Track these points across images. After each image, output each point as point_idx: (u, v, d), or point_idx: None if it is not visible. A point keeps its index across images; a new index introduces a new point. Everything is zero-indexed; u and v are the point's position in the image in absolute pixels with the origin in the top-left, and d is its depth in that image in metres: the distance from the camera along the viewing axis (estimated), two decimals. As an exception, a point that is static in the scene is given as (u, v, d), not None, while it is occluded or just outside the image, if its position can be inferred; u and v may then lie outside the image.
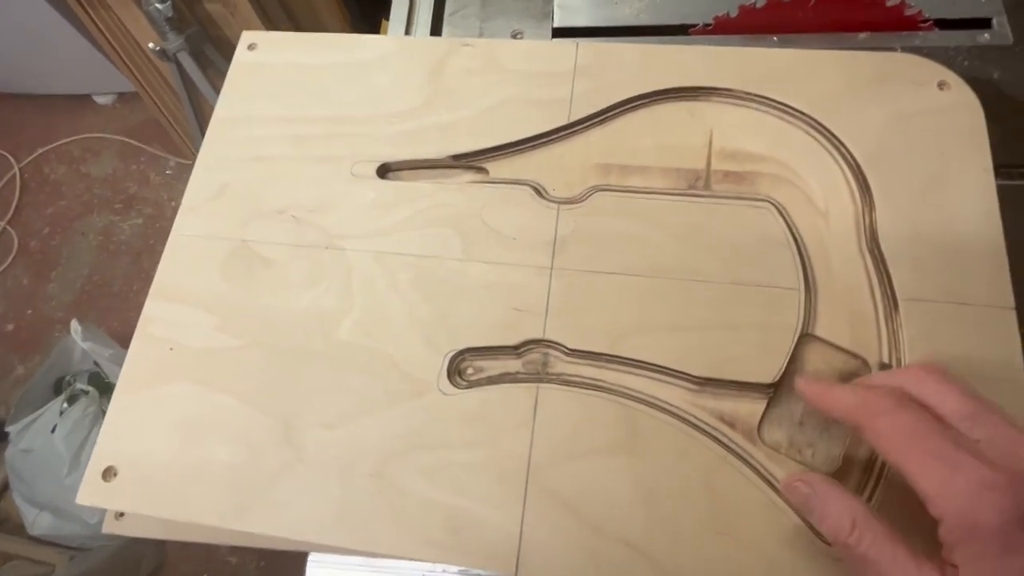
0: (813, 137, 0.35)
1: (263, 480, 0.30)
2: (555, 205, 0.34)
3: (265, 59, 0.40)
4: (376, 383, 0.31)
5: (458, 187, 0.36)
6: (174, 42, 1.00)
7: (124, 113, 1.52)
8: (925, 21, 0.41)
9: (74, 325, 1.09)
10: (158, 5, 0.96)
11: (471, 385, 0.31)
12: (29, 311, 1.35)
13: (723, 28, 0.42)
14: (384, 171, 0.37)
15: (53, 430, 1.05)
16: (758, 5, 0.41)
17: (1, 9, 1.35)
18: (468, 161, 0.36)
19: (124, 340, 1.24)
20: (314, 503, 0.29)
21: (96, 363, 1.15)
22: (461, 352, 0.32)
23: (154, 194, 1.43)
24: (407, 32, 0.47)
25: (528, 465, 0.29)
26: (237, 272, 0.35)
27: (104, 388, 1.15)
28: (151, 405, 0.32)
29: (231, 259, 0.35)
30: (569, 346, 0.31)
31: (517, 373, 0.32)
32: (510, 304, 0.32)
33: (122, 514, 0.34)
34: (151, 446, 0.31)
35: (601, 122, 0.36)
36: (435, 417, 0.30)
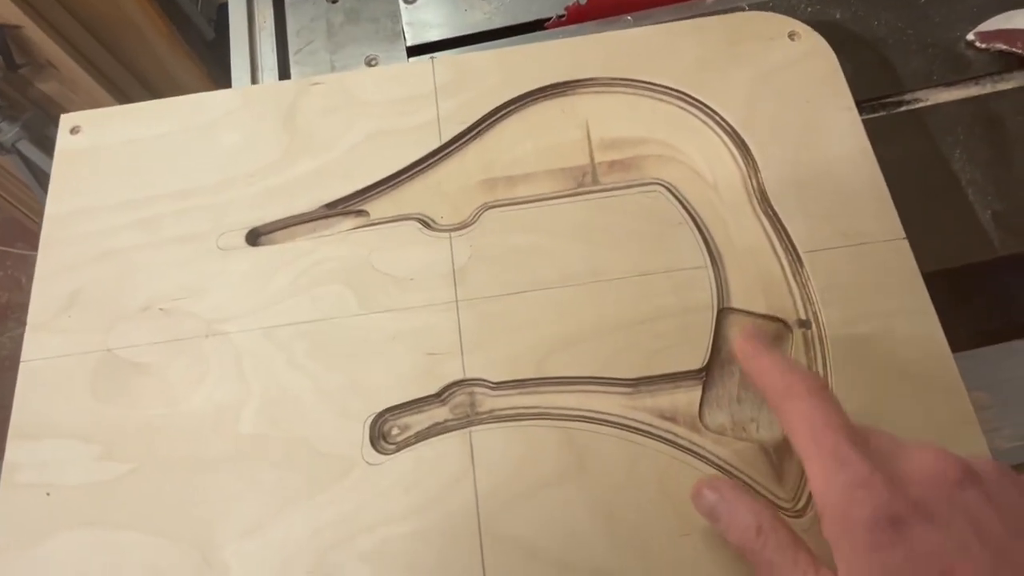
0: (686, 110, 0.34)
1: (188, 617, 0.26)
2: (446, 234, 0.32)
3: (93, 141, 0.36)
4: (293, 473, 0.28)
5: (339, 237, 0.33)
6: (9, 132, 0.91)
7: (-26, 217, 1.37)
8: (764, -25, 0.42)
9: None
10: (-20, 96, 0.86)
11: (399, 447, 0.29)
12: (-90, 460, 1.19)
13: (577, 16, 0.42)
14: (255, 237, 0.33)
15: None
16: (604, -13, 0.40)
17: None
18: (344, 207, 0.34)
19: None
20: (252, 626, 0.26)
21: None
22: (381, 414, 0.29)
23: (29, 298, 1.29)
24: (253, 78, 0.43)
25: (478, 517, 0.27)
26: (110, 387, 0.30)
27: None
28: (38, 565, 0.28)
29: (100, 374, 0.31)
30: (493, 380, 0.29)
31: (446, 421, 0.29)
32: (422, 350, 0.30)
33: None
34: (49, 614, 0.27)
35: (474, 137, 0.35)
36: (368, 492, 0.28)
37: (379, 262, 0.32)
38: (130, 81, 1.10)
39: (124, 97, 1.06)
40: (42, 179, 0.99)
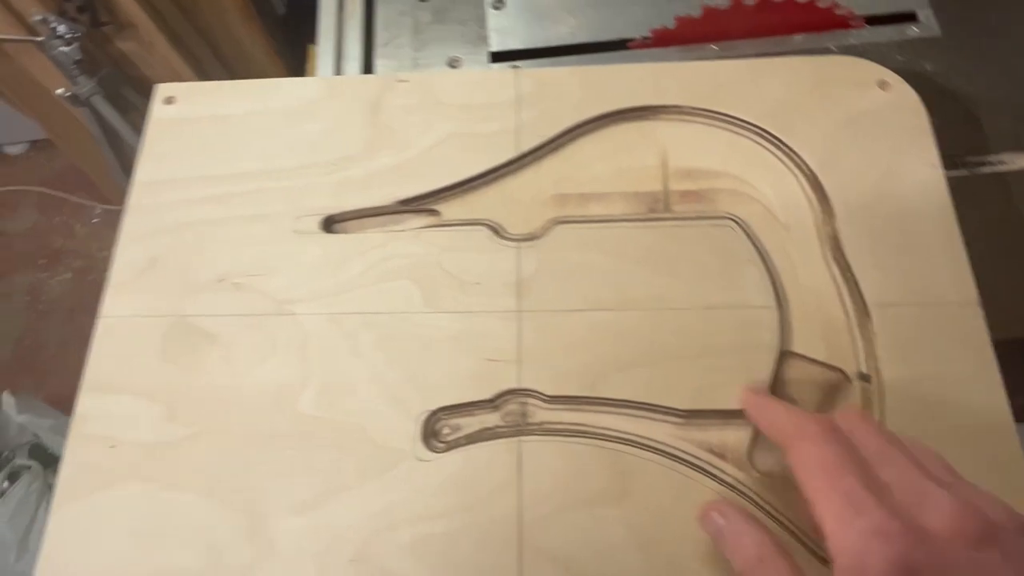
0: (765, 148, 0.34)
1: (232, 582, 0.27)
2: (515, 243, 0.33)
3: (185, 113, 0.37)
4: (346, 458, 0.29)
5: (411, 234, 0.34)
6: (85, 86, 0.94)
7: (40, 162, 1.43)
8: (856, 19, 0.41)
9: (5, 398, 1.01)
10: (64, 48, 0.90)
11: (449, 447, 0.30)
12: (-45, 386, 1.25)
13: (662, 40, 0.42)
14: (329, 224, 0.34)
15: (-5, 514, 0.97)
16: (694, 15, 0.40)
17: None
18: (418, 205, 0.34)
19: (67, 405, 1.16)
20: (292, 601, 0.27)
21: (36, 435, 1.07)
22: (435, 412, 0.30)
23: (82, 246, 1.34)
24: (337, 66, 0.45)
25: (519, 526, 0.28)
26: (179, 352, 0.32)
27: (48, 461, 1.07)
28: (96, 514, 0.29)
29: (171, 338, 0.32)
30: (547, 393, 0.30)
31: (496, 427, 0.30)
32: (481, 355, 0.31)
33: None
34: (103, 559, 0.28)
35: (551, 151, 0.35)
36: (415, 487, 0.29)
37: (447, 263, 0.33)
38: (203, 48, 1.13)
39: (195, 62, 1.09)
40: (110, 135, 1.03)
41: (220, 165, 0.35)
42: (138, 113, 1.05)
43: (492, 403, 0.30)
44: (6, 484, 1.02)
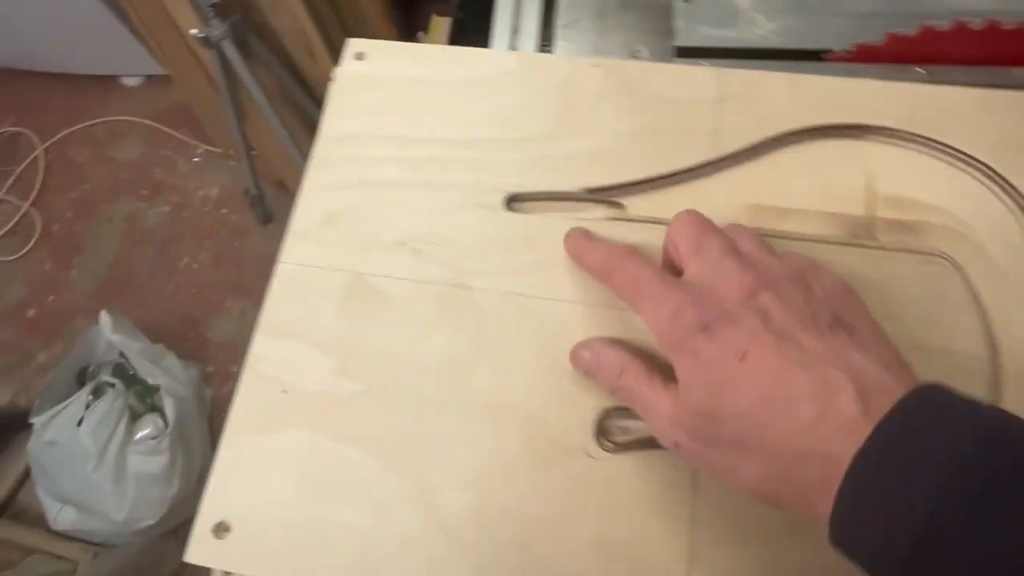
0: (987, 187, 0.32)
1: (394, 547, 0.27)
2: (705, 250, 0.32)
3: (374, 70, 0.37)
4: (517, 443, 0.29)
5: (595, 225, 0.33)
6: (218, 29, 0.97)
7: (152, 96, 1.49)
8: (1086, 58, 0.38)
9: (103, 317, 1.06)
10: (203, -10, 0.92)
11: (619, 448, 0.29)
12: (51, 297, 1.32)
13: (865, 56, 0.39)
14: (511, 202, 0.34)
15: (79, 424, 1.03)
16: (909, 33, 0.38)
17: (29, -15, 1.31)
18: (604, 195, 0.33)
19: (149, 332, 1.22)
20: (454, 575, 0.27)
21: (122, 354, 1.12)
22: (608, 410, 0.29)
23: (181, 182, 1.40)
24: (512, 42, 0.44)
25: (689, 545, 0.27)
26: (355, 308, 0.32)
27: (130, 381, 1.12)
28: (264, 453, 0.30)
29: (348, 293, 0.32)
30: (728, 410, 0.29)
31: (669, 437, 0.29)
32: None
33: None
34: (266, 499, 0.29)
35: (749, 158, 0.33)
36: (585, 484, 0.28)
37: (633, 260, 0.32)
38: (325, 4, 1.15)
39: (317, 17, 1.11)
40: (231, 80, 1.06)
41: (409, 128, 0.35)
42: (259, 62, 1.08)
43: (667, 411, 0.29)
44: (91, 398, 1.07)
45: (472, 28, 1.19)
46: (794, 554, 0.26)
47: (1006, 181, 0.31)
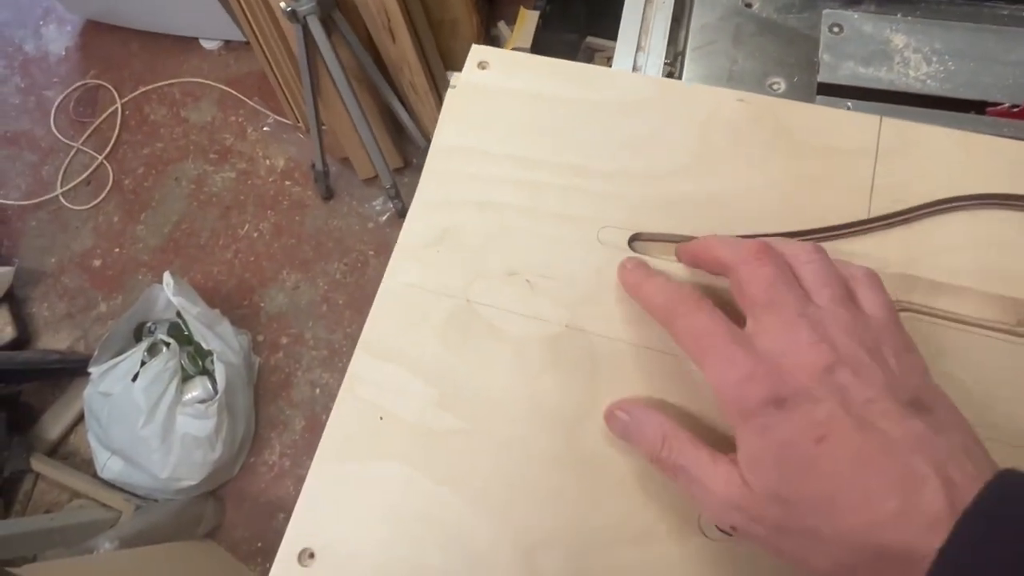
0: None
1: (486, 603, 0.26)
2: (849, 320, 0.29)
3: (497, 82, 0.35)
4: (627, 509, 0.27)
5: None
6: (306, 4, 0.96)
7: (229, 62, 1.50)
8: None
9: (167, 278, 1.08)
10: (297, -36, 0.92)
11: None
12: (117, 249, 1.36)
13: (1035, 113, 0.35)
14: (633, 240, 0.31)
15: (134, 379, 1.05)
16: (1096, 94, 0.34)
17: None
18: (738, 245, 0.31)
19: (205, 294, 1.24)
20: (548, 646, 0.25)
21: (179, 315, 1.15)
22: (727, 486, 0.27)
23: (249, 149, 1.41)
24: (635, 60, 0.41)
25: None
26: (461, 338, 0.30)
27: (184, 341, 1.14)
28: (356, 481, 0.28)
29: (454, 321, 0.30)
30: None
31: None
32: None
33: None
34: (354, 531, 0.28)
35: (907, 221, 0.30)
36: (696, 565, 0.26)
37: (767, 322, 0.29)
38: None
39: (404, 7, 1.09)
40: (312, 55, 1.05)
41: (530, 148, 0.33)
42: (341, 38, 1.07)
43: (793, 495, 0.27)
44: (146, 355, 1.10)
45: (559, 24, 1.15)
46: None
47: None
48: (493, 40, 1.35)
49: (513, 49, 1.00)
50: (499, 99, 0.35)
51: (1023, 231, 0.30)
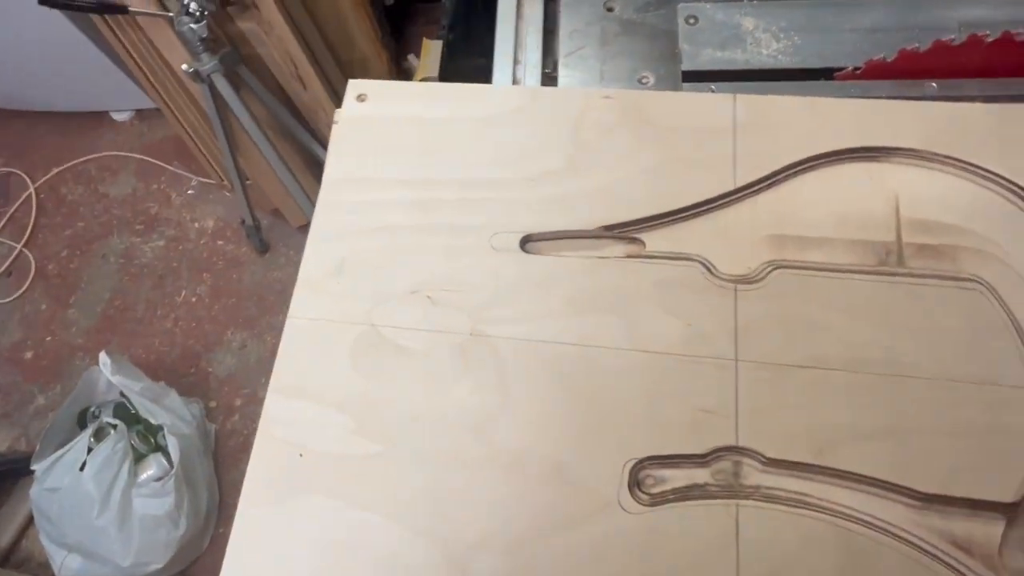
0: (1018, 207, 0.31)
1: (426, 618, 0.26)
2: (731, 285, 0.31)
3: (377, 112, 0.36)
4: (546, 497, 0.27)
5: (616, 264, 0.32)
6: (208, 63, 0.96)
7: (143, 130, 1.48)
8: (1102, 65, 0.37)
9: (103, 358, 1.04)
10: (192, 26, 0.91)
11: (655, 500, 0.27)
12: (48, 338, 1.30)
13: (875, 72, 0.38)
14: (526, 242, 0.33)
15: (82, 468, 1.00)
16: (921, 48, 0.37)
17: (15, 24, 1.30)
18: (622, 232, 0.32)
19: (149, 368, 1.20)
20: (490, 648, 0.25)
21: (123, 394, 1.10)
22: (641, 461, 0.28)
23: (176, 214, 1.38)
24: (513, 74, 0.43)
25: (735, 600, 0.25)
26: (369, 363, 0.31)
27: (131, 420, 1.10)
28: (282, 521, 0.28)
29: (361, 348, 0.31)
30: (768, 455, 0.27)
31: (707, 486, 0.28)
32: (693, 404, 0.28)
33: None
34: (286, 571, 0.27)
35: (770, 186, 0.32)
36: (620, 540, 0.27)
37: (656, 299, 0.30)
38: (314, 32, 1.15)
39: (306, 45, 1.10)
40: (222, 112, 1.05)
41: (418, 170, 0.34)
42: (250, 92, 1.07)
43: (703, 458, 0.28)
44: (93, 441, 1.05)
45: (463, 50, 1.18)
46: (848, 608, 0.25)
47: (1036, 200, 0.31)
48: (405, 73, 1.37)
49: (421, 80, 1.02)
50: (382, 127, 0.36)
51: (872, 179, 0.32)
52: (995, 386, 0.28)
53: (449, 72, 1.07)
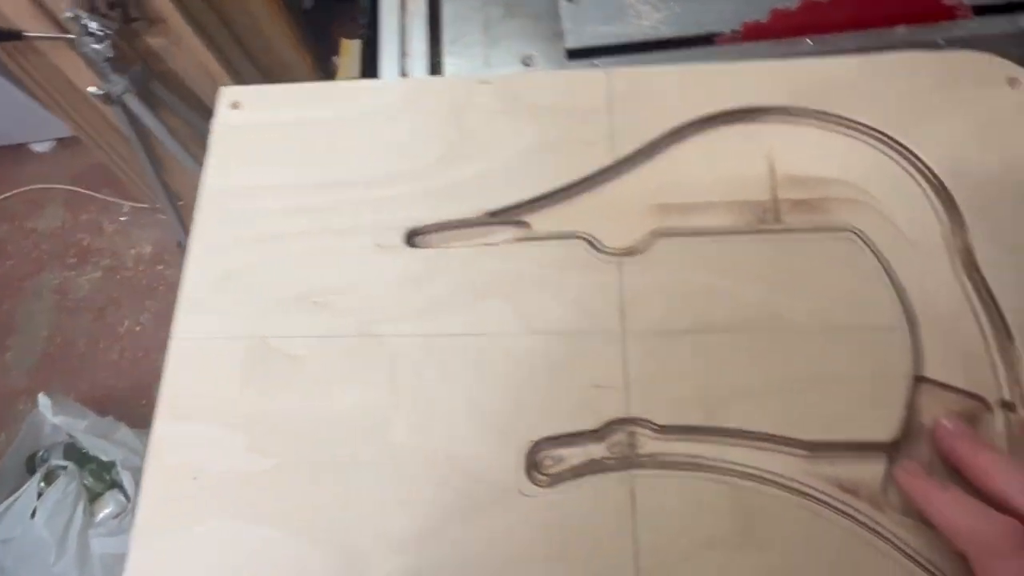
0: (885, 154, 0.32)
1: (330, 627, 0.26)
2: (615, 258, 0.31)
3: (253, 118, 0.35)
4: (443, 492, 0.27)
5: (501, 249, 0.31)
6: (117, 84, 0.92)
7: (66, 160, 1.42)
8: (963, 9, 0.38)
9: (42, 400, 1.01)
10: (95, 46, 0.88)
11: (553, 480, 0.27)
12: (-13, 385, 1.25)
13: (752, 34, 0.39)
14: (412, 238, 0.32)
15: (33, 515, 0.97)
16: (790, 7, 0.37)
17: (-86, 60, 1.24)
18: (507, 216, 0.32)
19: (97, 405, 1.16)
20: (396, 649, 0.25)
21: (71, 435, 1.07)
22: (536, 443, 0.28)
23: (110, 243, 1.34)
24: (402, 66, 0.42)
25: (637, 570, 0.26)
26: (259, 377, 0.30)
27: (83, 460, 1.06)
28: (179, 551, 0.27)
29: (251, 361, 0.30)
30: (658, 422, 0.28)
31: (604, 459, 0.28)
32: (584, 380, 0.29)
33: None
34: (187, 600, 0.27)
35: (648, 157, 0.33)
36: (521, 525, 0.27)
37: (543, 280, 0.30)
38: (230, 42, 1.11)
39: (221, 56, 1.07)
40: (140, 133, 1.01)
41: (296, 174, 0.33)
42: (167, 109, 1.04)
43: (597, 433, 0.28)
44: (43, 485, 1.02)
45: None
46: (741, 562, 0.25)
47: (900, 144, 0.31)
48: (331, 76, 1.35)
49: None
50: (259, 134, 0.35)
51: (747, 140, 0.33)
52: (871, 330, 0.28)
53: (371, 70, 1.06)
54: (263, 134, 0.35)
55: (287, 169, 0.34)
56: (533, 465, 0.28)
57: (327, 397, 0.29)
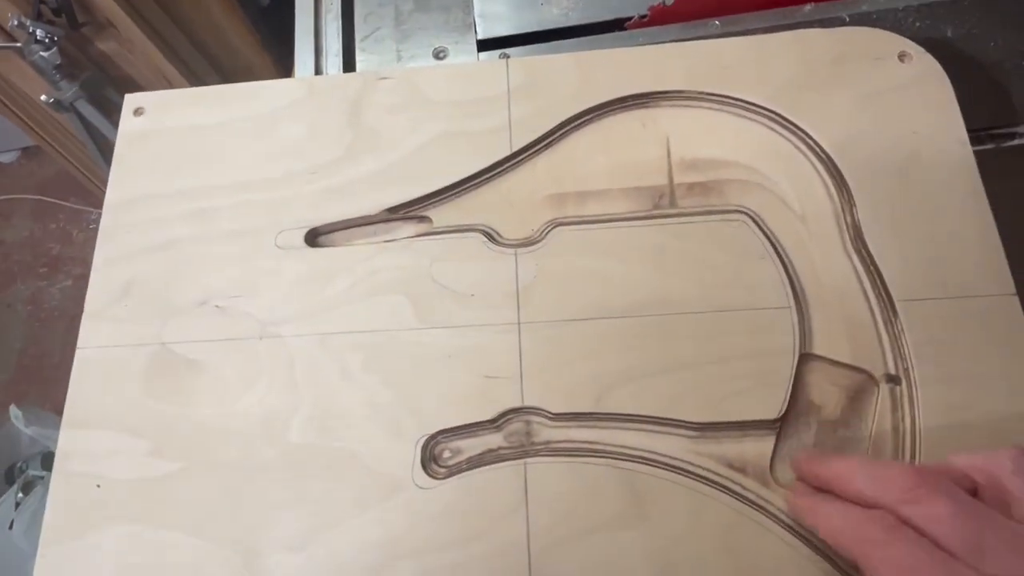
0: (777, 132, 0.32)
1: (230, 626, 0.26)
2: (511, 250, 0.31)
3: (156, 124, 0.35)
4: (341, 488, 0.28)
5: (400, 245, 0.32)
6: (68, 91, 0.92)
7: (32, 169, 1.41)
8: (869, -17, 0.38)
9: (13, 411, 1.01)
10: (43, 53, 0.87)
11: (451, 472, 0.28)
12: (-37, 399, 1.25)
13: (661, 18, 0.39)
14: (313, 237, 0.32)
15: (11, 526, 0.97)
16: (694, -12, 0.37)
17: None
18: (407, 212, 0.32)
19: (75, 413, 1.16)
20: (293, 644, 0.26)
21: (47, 445, 1.07)
22: (433, 436, 0.28)
23: (80, 252, 1.33)
24: (317, 64, 0.42)
25: (529, 554, 0.26)
26: (162, 382, 0.30)
27: (61, 469, 1.07)
28: (84, 558, 0.28)
29: (152, 368, 0.30)
30: (552, 410, 0.28)
31: (500, 449, 0.28)
32: (480, 372, 0.29)
33: None
34: (92, 606, 0.27)
35: (546, 147, 0.33)
36: (416, 516, 0.27)
37: (440, 274, 0.31)
38: (185, 44, 1.10)
39: (178, 59, 1.06)
40: (97, 138, 1.00)
41: (196, 179, 0.33)
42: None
43: (494, 423, 0.28)
44: (20, 495, 1.02)
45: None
46: (631, 541, 0.26)
47: (790, 122, 0.32)
48: (292, 73, 1.33)
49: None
50: (161, 140, 0.35)
51: (640, 125, 0.33)
52: (758, 310, 0.29)
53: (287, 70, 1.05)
54: (165, 139, 0.35)
55: (186, 175, 0.34)
56: (432, 458, 0.28)
57: (228, 400, 0.29)
